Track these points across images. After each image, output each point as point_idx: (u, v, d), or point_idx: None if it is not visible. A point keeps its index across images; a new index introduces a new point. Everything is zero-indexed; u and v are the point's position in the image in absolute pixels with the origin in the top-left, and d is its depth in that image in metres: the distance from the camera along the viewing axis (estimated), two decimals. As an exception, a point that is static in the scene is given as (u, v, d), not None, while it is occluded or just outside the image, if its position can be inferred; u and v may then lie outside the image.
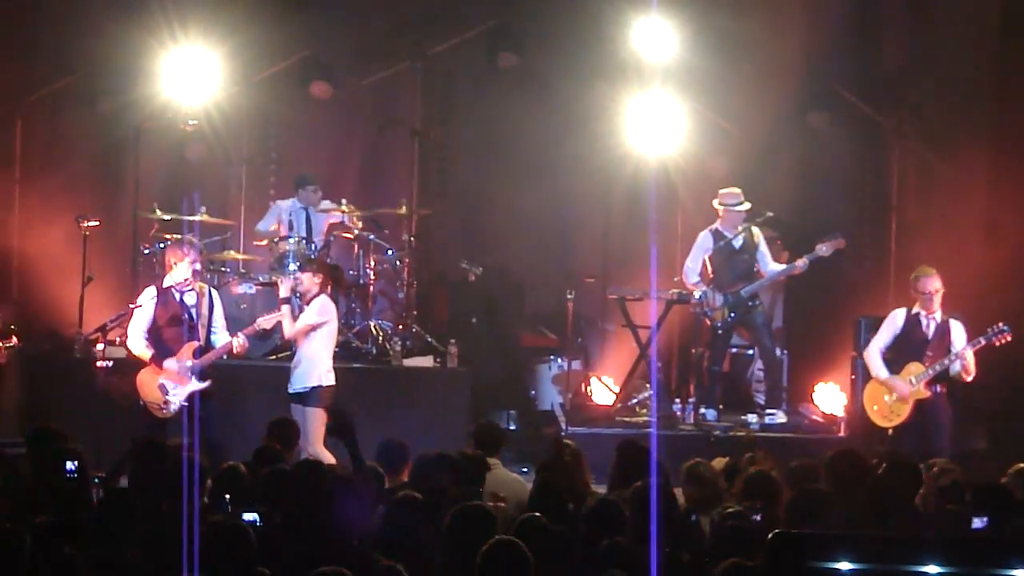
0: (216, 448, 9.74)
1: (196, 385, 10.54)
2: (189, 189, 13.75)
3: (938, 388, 11.49)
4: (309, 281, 11.04)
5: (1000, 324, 11.43)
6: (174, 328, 10.66)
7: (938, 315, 11.59)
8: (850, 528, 7.14)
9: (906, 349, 11.58)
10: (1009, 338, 11.40)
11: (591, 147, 14.02)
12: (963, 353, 11.38)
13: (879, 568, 3.70)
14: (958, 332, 11.58)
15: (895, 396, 11.47)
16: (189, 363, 10.55)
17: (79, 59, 14.29)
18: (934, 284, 11.59)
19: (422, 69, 15.08)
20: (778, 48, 14.59)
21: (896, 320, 11.68)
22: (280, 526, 7.16)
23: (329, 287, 11.12)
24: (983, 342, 11.40)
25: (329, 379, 10.89)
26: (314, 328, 10.87)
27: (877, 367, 11.61)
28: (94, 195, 14.16)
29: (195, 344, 10.62)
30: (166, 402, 10.53)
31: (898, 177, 14.75)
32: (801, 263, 13.04)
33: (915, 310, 11.62)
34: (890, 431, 11.55)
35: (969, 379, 11.48)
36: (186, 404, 10.49)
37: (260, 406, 11.44)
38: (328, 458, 9.84)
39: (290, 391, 10.89)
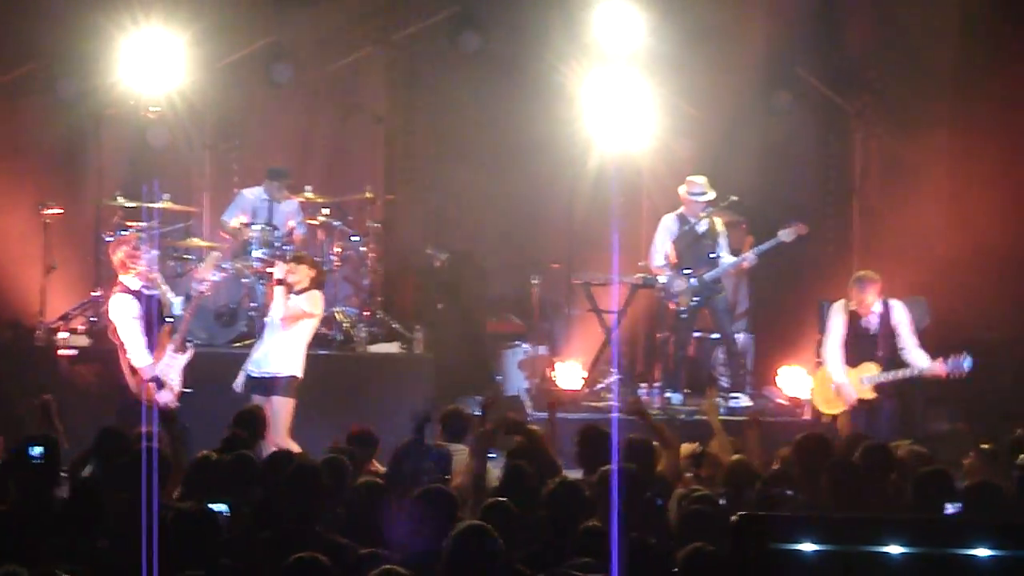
0: (184, 437, 9.69)
1: (183, 359, 10.50)
2: (151, 176, 13.68)
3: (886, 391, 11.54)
4: (304, 274, 11.00)
5: (963, 361, 11.37)
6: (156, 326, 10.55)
7: (877, 307, 11.61)
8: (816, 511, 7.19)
9: (856, 346, 11.61)
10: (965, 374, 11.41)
11: (556, 132, 14.01)
12: (924, 372, 11.41)
13: (843, 549, 3.73)
14: (900, 315, 11.62)
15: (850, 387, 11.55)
16: (171, 348, 10.48)
17: (40, 45, 14.15)
18: (869, 297, 11.60)
19: (386, 55, 15.04)
20: (742, 32, 14.63)
21: (839, 314, 11.70)
22: (247, 515, 7.15)
23: (319, 284, 11.10)
24: (942, 374, 11.41)
25: (301, 371, 10.88)
26: (303, 317, 10.85)
27: (835, 369, 11.62)
28: (56, 183, 14.06)
29: (166, 326, 10.55)
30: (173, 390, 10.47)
31: (861, 161, 14.81)
32: (750, 256, 13.12)
33: (852, 307, 11.65)
34: (832, 417, 11.69)
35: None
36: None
37: (225, 394, 11.39)
38: (295, 448, 9.82)
39: (254, 374, 10.84)
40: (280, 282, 11.04)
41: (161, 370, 10.36)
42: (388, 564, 5.74)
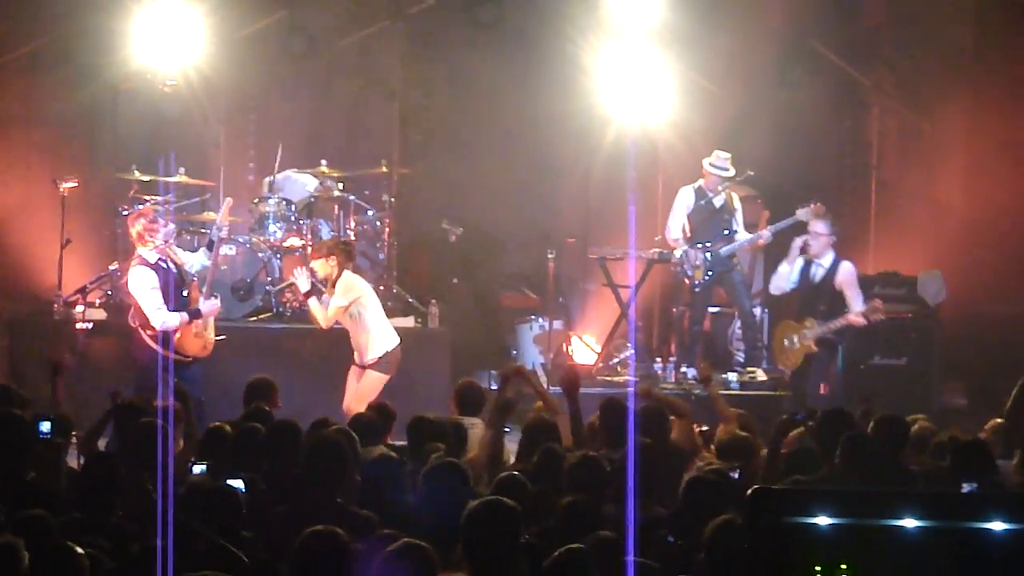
0: (200, 410, 9.73)
1: (215, 303, 10.64)
2: (167, 150, 13.69)
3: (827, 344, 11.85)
4: (324, 267, 10.99)
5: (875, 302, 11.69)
6: (176, 294, 10.59)
7: (827, 260, 11.67)
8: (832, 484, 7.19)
9: (802, 297, 11.84)
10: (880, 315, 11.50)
11: (572, 106, 13.98)
12: (851, 321, 11.69)
13: (858, 522, 3.72)
14: (845, 275, 11.70)
15: (795, 341, 11.71)
16: (202, 299, 10.61)
17: (55, 18, 14.15)
18: (820, 226, 11.75)
19: (403, 28, 15.00)
20: (758, 6, 14.57)
21: (795, 259, 12.02)
22: (263, 488, 7.17)
23: (349, 263, 11.09)
24: (861, 321, 11.59)
25: (393, 341, 11.00)
26: (347, 308, 10.86)
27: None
28: (72, 156, 14.06)
29: (194, 282, 10.67)
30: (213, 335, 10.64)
31: (877, 134, 14.76)
32: (766, 234, 13.10)
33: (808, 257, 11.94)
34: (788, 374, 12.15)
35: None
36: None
37: (241, 367, 11.41)
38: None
39: (362, 364, 10.95)
40: (309, 295, 11.07)
41: (196, 324, 10.48)
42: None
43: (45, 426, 7.73)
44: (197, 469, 6.93)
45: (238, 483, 6.76)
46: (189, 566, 5.54)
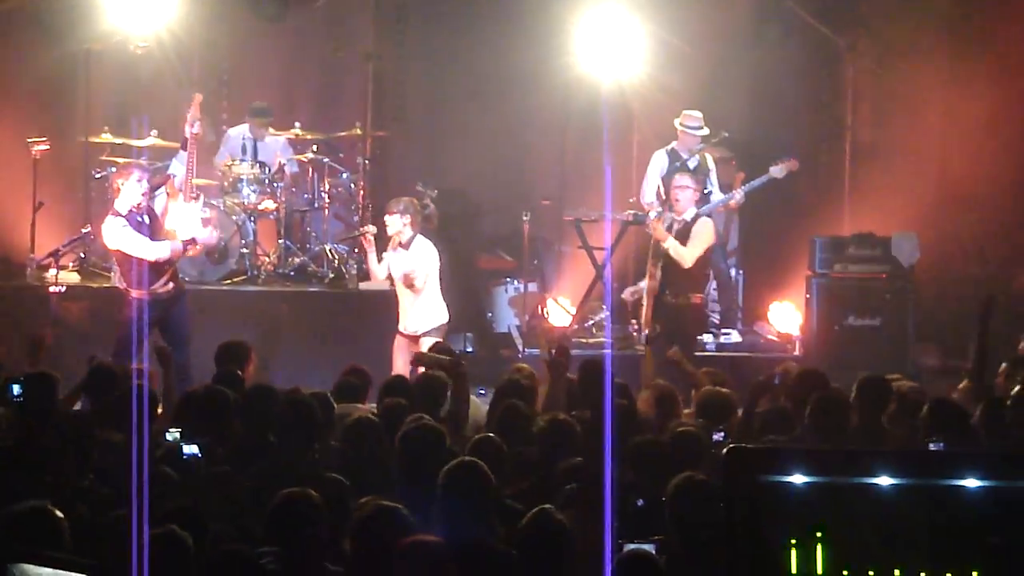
0: (184, 374, 9.72)
1: (196, 206, 10.76)
2: (140, 112, 13.60)
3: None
4: (396, 224, 10.90)
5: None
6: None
7: (688, 214, 11.54)
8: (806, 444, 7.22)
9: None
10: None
11: (546, 67, 13.93)
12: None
13: (833, 481, 3.74)
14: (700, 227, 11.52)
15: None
16: (181, 199, 10.61)
17: (27, -21, 14.03)
18: (683, 180, 11.61)
19: (375, -11, 14.92)
20: (732, -36, 14.53)
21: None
22: (227, 454, 7.14)
23: (424, 222, 11.05)
24: None
25: (446, 313, 11.07)
26: (424, 275, 10.85)
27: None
28: (43, 118, 13.95)
29: (170, 178, 10.70)
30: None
31: (853, 96, 14.74)
32: (738, 195, 13.07)
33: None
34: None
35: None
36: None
37: (216, 331, 11.37)
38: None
39: (407, 332, 10.87)
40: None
41: (176, 224, 10.44)
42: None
43: (15, 389, 7.70)
44: (170, 436, 6.90)
45: (193, 448, 6.74)
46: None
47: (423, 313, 10.97)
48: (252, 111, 13.75)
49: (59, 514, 5.55)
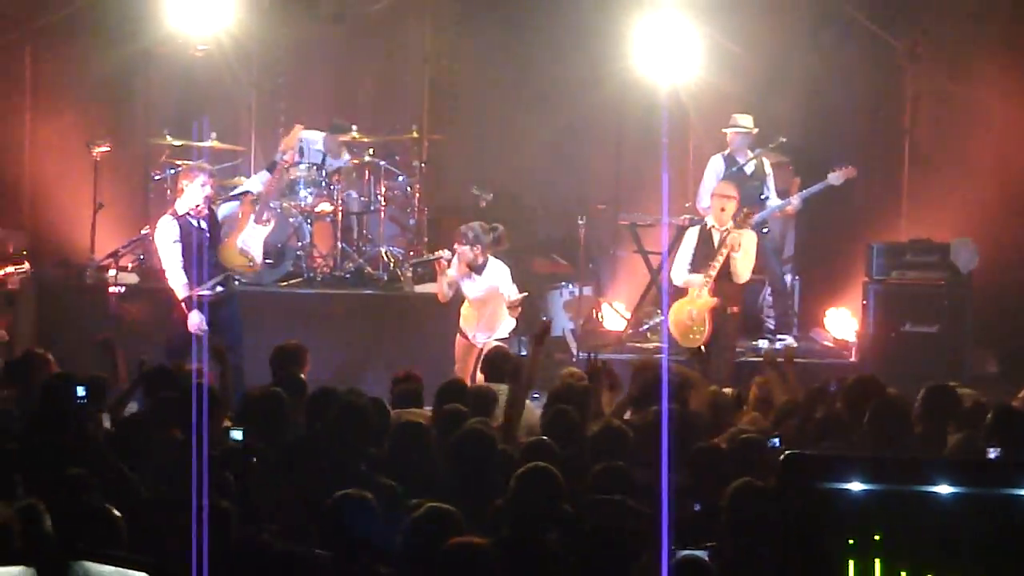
0: (237, 375, 9.77)
1: (265, 230, 10.77)
2: (199, 115, 13.71)
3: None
4: (469, 254, 10.89)
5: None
6: (199, 255, 10.62)
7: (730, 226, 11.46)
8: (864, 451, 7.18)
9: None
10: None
11: (602, 71, 13.92)
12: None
13: (892, 488, 3.72)
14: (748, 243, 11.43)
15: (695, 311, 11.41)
16: (251, 216, 10.67)
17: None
18: (727, 189, 11.55)
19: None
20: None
21: (692, 234, 11.69)
22: (280, 452, 7.18)
23: (495, 244, 11.05)
24: None
25: (513, 322, 11.12)
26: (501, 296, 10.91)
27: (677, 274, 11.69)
28: (104, 121, 14.10)
29: (248, 196, 10.69)
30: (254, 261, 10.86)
31: (911, 100, 14.63)
32: (795, 201, 13.03)
33: (709, 223, 11.58)
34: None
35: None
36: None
37: (272, 333, 11.45)
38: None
39: (477, 342, 10.93)
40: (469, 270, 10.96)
41: (244, 241, 10.49)
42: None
43: (80, 391, 7.77)
44: (235, 434, 6.94)
45: (237, 434, 6.79)
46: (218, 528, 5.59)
47: (505, 322, 10.96)
48: (334, 127, 13.78)
49: (116, 513, 5.61)
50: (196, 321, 10.31)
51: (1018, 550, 3.66)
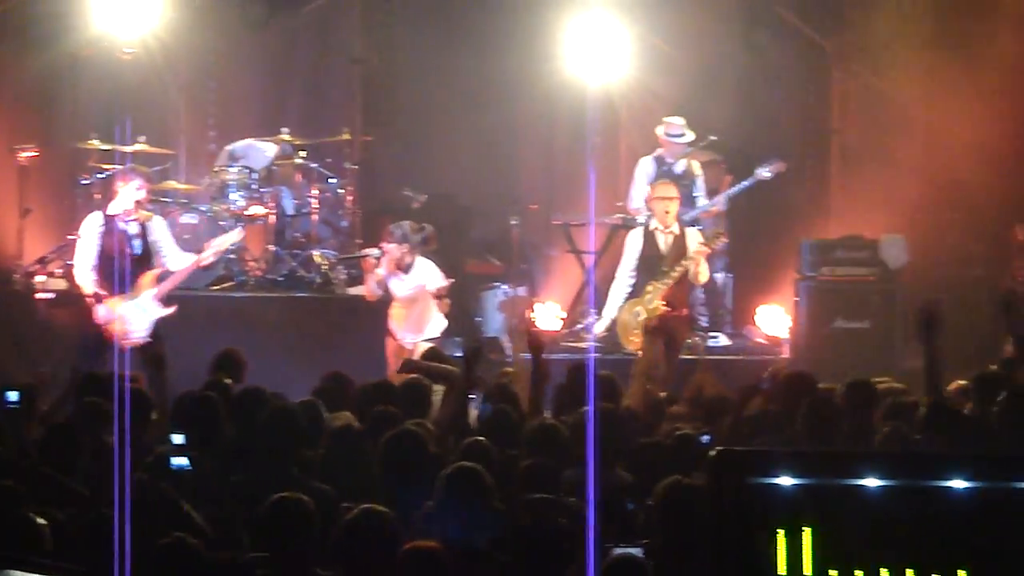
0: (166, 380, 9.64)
1: (160, 311, 10.48)
2: (126, 118, 13.57)
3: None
4: (396, 252, 10.87)
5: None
6: (119, 259, 10.53)
7: (675, 227, 11.59)
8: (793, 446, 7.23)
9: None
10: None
11: (534, 71, 13.93)
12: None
13: (821, 482, 3.75)
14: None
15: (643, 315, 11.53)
16: (153, 290, 10.46)
17: (12, -15, 14.00)
18: (667, 191, 11.82)
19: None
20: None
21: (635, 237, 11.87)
22: (214, 460, 7.11)
23: (423, 245, 11.02)
24: None
25: (443, 322, 11.30)
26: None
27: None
28: (30, 124, 13.90)
29: (156, 272, 10.54)
30: (127, 333, 10.41)
31: (839, 100, 14.76)
32: (720, 200, 13.14)
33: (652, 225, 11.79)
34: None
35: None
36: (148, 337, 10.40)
37: (204, 338, 11.35)
38: None
39: (406, 343, 10.95)
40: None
41: (127, 310, 10.35)
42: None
43: (12, 396, 7.66)
44: (177, 439, 6.86)
45: (183, 461, 6.68)
46: (149, 532, 5.52)
47: (421, 323, 10.93)
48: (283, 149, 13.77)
49: (40, 520, 5.54)
50: (103, 314, 10.24)
51: (945, 541, 3.70)
